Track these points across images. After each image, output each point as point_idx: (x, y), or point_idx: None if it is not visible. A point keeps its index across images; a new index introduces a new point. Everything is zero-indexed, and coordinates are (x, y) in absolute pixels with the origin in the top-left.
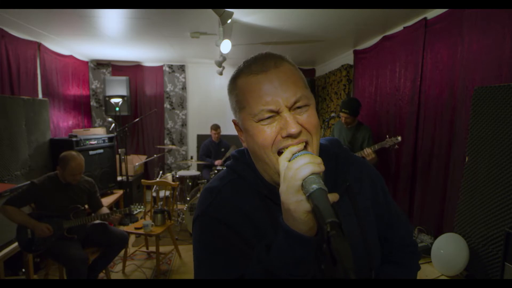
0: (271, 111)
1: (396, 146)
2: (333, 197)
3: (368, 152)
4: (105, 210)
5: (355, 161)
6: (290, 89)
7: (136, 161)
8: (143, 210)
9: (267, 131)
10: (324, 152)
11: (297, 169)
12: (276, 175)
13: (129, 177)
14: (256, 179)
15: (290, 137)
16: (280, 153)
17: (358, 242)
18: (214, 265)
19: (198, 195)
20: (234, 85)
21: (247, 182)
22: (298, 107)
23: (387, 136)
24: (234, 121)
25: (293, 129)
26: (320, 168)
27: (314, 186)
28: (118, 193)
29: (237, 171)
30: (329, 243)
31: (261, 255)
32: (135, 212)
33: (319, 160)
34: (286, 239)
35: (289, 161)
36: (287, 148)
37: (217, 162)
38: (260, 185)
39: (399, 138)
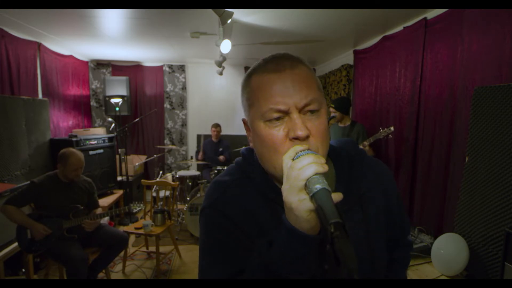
0: (280, 111)
1: (390, 136)
2: (336, 196)
3: (363, 145)
4: (99, 210)
5: (370, 164)
6: (302, 91)
7: (136, 161)
8: (143, 209)
9: (275, 134)
10: (335, 154)
11: (300, 169)
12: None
13: (129, 177)
14: (263, 181)
15: (297, 139)
16: None
17: (365, 254)
18: (215, 257)
19: (198, 195)
20: (248, 82)
21: (254, 183)
22: (309, 111)
23: (380, 128)
24: (243, 120)
25: (301, 131)
26: (324, 168)
27: (318, 186)
28: (118, 193)
29: (245, 171)
30: (333, 243)
31: (262, 250)
32: (134, 211)
33: (322, 160)
34: (287, 237)
35: (293, 159)
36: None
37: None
38: (266, 187)
39: (392, 128)
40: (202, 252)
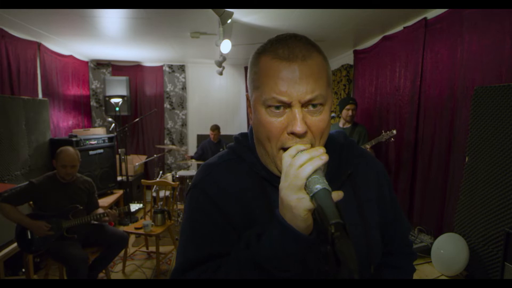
0: (282, 102)
1: (392, 139)
2: (336, 195)
3: (365, 147)
4: (100, 210)
5: (361, 153)
6: (309, 85)
7: (136, 161)
8: (143, 208)
9: (274, 124)
10: (330, 142)
11: (299, 167)
12: (272, 165)
13: (129, 177)
14: (255, 161)
15: (295, 135)
16: (284, 149)
17: (359, 233)
18: (192, 236)
19: None
20: (256, 61)
21: (246, 163)
22: (312, 105)
23: (383, 131)
24: (247, 95)
25: (299, 128)
26: (321, 159)
27: (318, 186)
28: (118, 193)
29: (237, 152)
30: (334, 244)
31: (251, 242)
32: (133, 210)
33: (321, 150)
34: (280, 233)
35: (293, 158)
36: (292, 147)
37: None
38: (258, 167)
39: (394, 131)
40: (181, 230)
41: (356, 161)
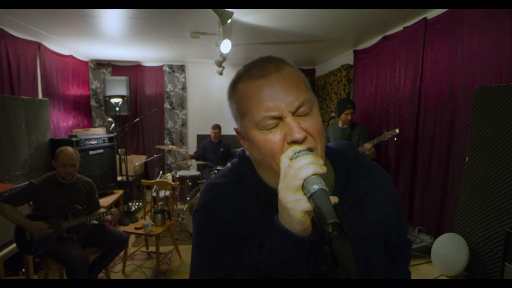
0: (274, 117)
1: (395, 138)
2: (333, 198)
3: (368, 147)
4: (101, 211)
5: (370, 171)
6: (292, 93)
7: (136, 161)
8: (142, 207)
9: (273, 139)
10: (333, 156)
11: (298, 169)
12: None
13: (129, 177)
14: (257, 183)
15: (296, 143)
16: None
17: (360, 266)
18: (205, 260)
19: (198, 195)
20: (234, 91)
21: (248, 184)
22: (302, 112)
23: (385, 130)
24: (236, 130)
25: (298, 134)
26: (322, 169)
27: (315, 187)
28: (118, 193)
29: (239, 172)
30: (331, 244)
31: (253, 251)
32: (133, 209)
33: (321, 161)
34: (278, 238)
35: (291, 159)
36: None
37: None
38: (260, 189)
39: (397, 130)
40: (194, 254)
41: (366, 181)
